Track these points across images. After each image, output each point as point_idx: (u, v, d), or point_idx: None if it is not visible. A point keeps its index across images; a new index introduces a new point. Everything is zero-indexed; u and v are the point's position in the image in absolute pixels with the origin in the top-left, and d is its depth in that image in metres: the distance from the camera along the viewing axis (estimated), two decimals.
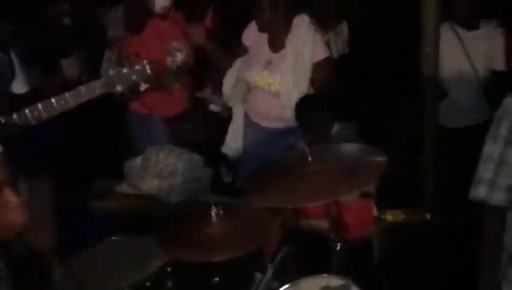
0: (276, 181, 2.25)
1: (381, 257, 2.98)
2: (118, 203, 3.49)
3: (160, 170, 3.48)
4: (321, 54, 3.45)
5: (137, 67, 2.50)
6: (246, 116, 3.74)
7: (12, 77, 3.22)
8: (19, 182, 1.79)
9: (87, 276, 2.56)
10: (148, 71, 2.51)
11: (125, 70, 2.48)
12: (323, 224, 2.74)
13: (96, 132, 4.32)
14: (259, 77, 3.50)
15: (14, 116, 2.36)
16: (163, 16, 3.96)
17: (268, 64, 3.49)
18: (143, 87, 2.52)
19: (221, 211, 2.33)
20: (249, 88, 3.64)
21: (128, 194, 3.57)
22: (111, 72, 2.47)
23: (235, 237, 2.27)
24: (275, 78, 3.44)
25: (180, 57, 3.86)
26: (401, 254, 3.32)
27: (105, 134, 4.25)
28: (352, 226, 2.89)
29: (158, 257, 2.55)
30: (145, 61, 2.52)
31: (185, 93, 4.13)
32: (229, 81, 3.69)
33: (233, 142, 3.79)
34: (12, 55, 3.26)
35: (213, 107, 4.32)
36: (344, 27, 4.77)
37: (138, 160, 3.59)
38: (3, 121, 2.32)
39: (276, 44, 3.49)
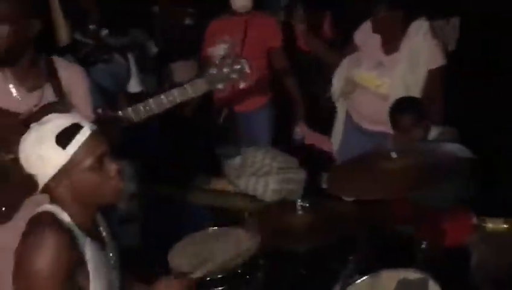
0: (358, 175, 2.37)
1: (479, 266, 2.95)
2: (216, 198, 3.73)
3: (256, 170, 3.68)
4: (438, 61, 3.39)
5: (236, 66, 2.61)
6: (348, 115, 3.72)
7: (128, 78, 3.62)
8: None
9: (183, 261, 2.78)
10: (247, 70, 2.61)
11: (225, 70, 2.60)
12: (411, 229, 2.80)
13: (199, 130, 4.57)
14: (367, 76, 3.46)
15: (129, 110, 2.53)
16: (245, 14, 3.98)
17: (379, 65, 3.45)
18: (242, 85, 2.63)
19: (307, 204, 2.47)
20: (354, 87, 3.60)
21: (227, 190, 3.80)
22: (213, 71, 2.59)
23: (319, 228, 2.41)
24: (383, 81, 3.41)
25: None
26: (500, 265, 3.27)
27: (208, 132, 4.45)
28: (448, 232, 2.87)
29: (250, 247, 2.74)
30: (243, 60, 2.62)
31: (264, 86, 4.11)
32: (338, 77, 3.69)
33: (334, 138, 3.82)
34: (130, 59, 3.65)
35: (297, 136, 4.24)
36: (456, 22, 4.67)
37: (237, 159, 3.81)
38: (120, 113, 2.50)
39: (390, 46, 3.45)
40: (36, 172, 1.80)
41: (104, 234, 2.00)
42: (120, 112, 2.52)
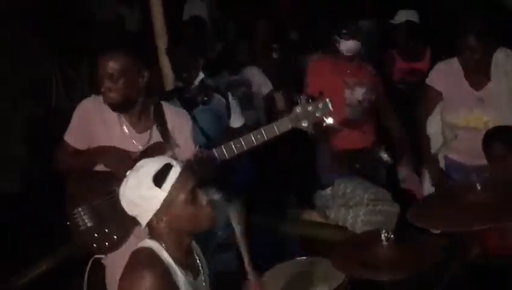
0: (442, 207, 2.37)
1: None
2: (307, 229, 3.79)
3: (347, 201, 3.71)
4: None
5: (320, 104, 2.70)
6: (446, 158, 3.67)
7: (229, 116, 3.82)
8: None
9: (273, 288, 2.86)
10: (330, 108, 2.70)
11: (310, 108, 2.70)
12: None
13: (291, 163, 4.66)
14: (472, 117, 3.43)
15: (222, 148, 2.73)
16: (351, 58, 4.05)
17: (478, 101, 3.43)
18: (325, 123, 2.71)
19: (392, 236, 2.48)
20: (455, 132, 3.54)
21: (317, 221, 3.85)
22: (298, 109, 2.71)
23: (403, 260, 2.42)
24: (490, 115, 3.37)
25: (360, 91, 3.99)
26: None
27: (298, 165, 4.53)
28: None
29: (338, 277, 2.78)
30: (327, 99, 2.71)
31: (371, 128, 4.19)
32: (433, 127, 3.67)
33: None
34: (229, 97, 3.86)
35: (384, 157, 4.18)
36: None
37: (328, 190, 3.86)
38: (215, 152, 2.71)
39: (480, 80, 3.44)
40: (138, 213, 1.98)
41: (198, 262, 2.13)
42: (214, 150, 2.73)
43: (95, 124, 2.72)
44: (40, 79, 5.76)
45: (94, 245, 2.73)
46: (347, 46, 3.95)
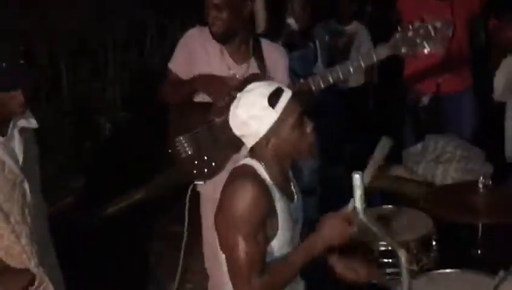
0: None
1: None
2: (393, 184, 3.74)
3: (437, 156, 3.64)
4: None
5: (421, 30, 2.57)
6: None
7: (315, 61, 3.89)
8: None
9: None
10: (433, 35, 2.55)
11: (410, 34, 2.58)
12: None
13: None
14: None
15: (318, 77, 2.67)
16: None
17: None
18: (426, 50, 2.57)
19: (490, 182, 2.43)
20: None
21: (405, 177, 3.79)
22: (397, 35, 2.60)
23: (498, 206, 2.36)
24: None
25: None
26: None
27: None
28: None
29: (426, 225, 2.74)
30: (430, 25, 2.55)
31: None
32: (500, 79, 3.61)
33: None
34: (317, 43, 3.90)
35: None
36: None
37: (418, 146, 3.80)
38: (311, 81, 2.67)
39: None
40: (248, 133, 1.99)
41: (293, 189, 2.15)
42: (310, 79, 2.69)
43: (197, 52, 2.80)
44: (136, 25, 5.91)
45: (194, 171, 2.81)
46: None
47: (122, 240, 3.80)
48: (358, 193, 1.83)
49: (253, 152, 2.04)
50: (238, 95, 2.03)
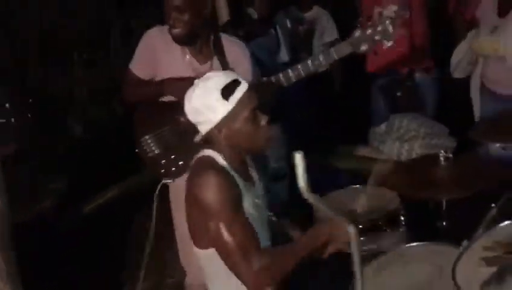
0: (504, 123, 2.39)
1: None
2: (359, 164, 3.84)
3: (401, 135, 3.75)
4: None
5: (379, 27, 2.67)
6: (482, 84, 3.68)
7: (278, 50, 3.90)
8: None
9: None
10: (390, 30, 2.65)
11: (369, 31, 2.67)
12: None
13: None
14: (485, 43, 3.46)
15: (280, 75, 2.76)
16: None
17: (495, 29, 3.43)
18: (385, 46, 2.67)
19: (450, 155, 2.53)
20: (478, 56, 3.61)
21: (370, 157, 3.90)
22: (356, 34, 2.69)
23: (460, 179, 2.46)
24: (499, 43, 3.37)
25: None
26: None
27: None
28: None
29: (393, 201, 2.84)
30: (387, 22, 2.66)
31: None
32: (457, 52, 3.72)
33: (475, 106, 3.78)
34: (279, 31, 3.88)
35: None
36: None
37: (382, 126, 3.91)
38: (273, 79, 2.76)
39: (504, 8, 3.42)
40: (200, 120, 2.07)
41: (253, 175, 2.23)
42: (272, 77, 2.77)
43: (159, 53, 2.79)
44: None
45: (162, 171, 2.84)
46: None
47: (102, 238, 3.84)
48: (300, 171, 1.80)
49: (209, 142, 2.11)
50: (196, 81, 2.08)
